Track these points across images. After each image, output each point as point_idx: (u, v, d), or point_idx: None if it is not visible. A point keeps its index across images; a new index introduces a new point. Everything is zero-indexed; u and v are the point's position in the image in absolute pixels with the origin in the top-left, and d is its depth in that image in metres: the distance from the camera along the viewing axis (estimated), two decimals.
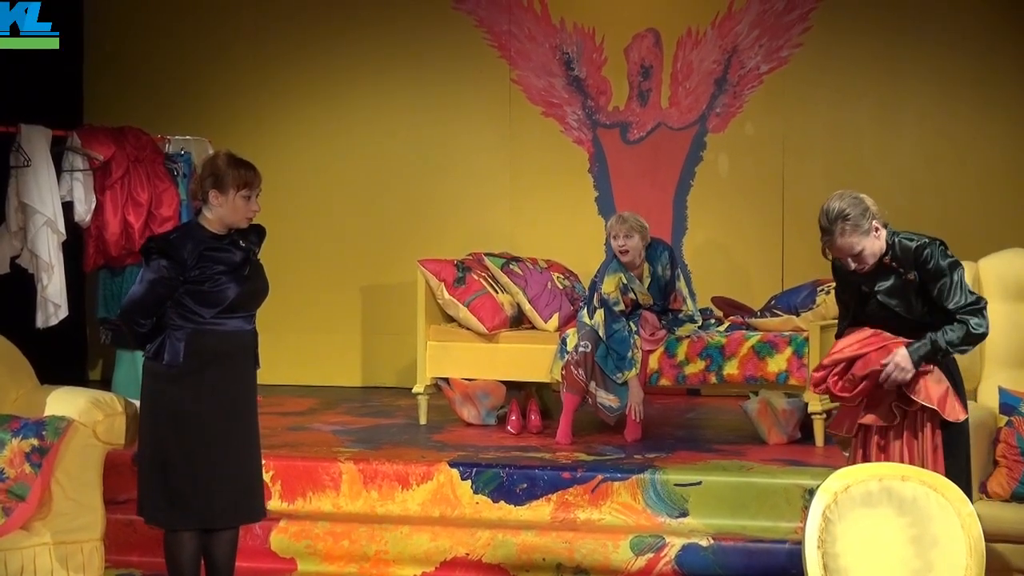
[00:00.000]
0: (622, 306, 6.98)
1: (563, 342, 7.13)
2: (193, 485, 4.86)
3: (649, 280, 7.08)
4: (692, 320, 7.13)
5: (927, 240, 4.52)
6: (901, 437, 4.53)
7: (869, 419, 4.55)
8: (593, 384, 6.93)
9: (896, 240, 4.54)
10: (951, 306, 4.46)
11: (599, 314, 6.98)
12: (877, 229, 4.49)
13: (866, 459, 4.56)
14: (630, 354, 6.91)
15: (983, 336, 4.48)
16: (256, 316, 5.07)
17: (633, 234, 6.99)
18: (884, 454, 4.54)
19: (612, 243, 7.06)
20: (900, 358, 4.43)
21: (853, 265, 4.52)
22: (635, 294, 7.05)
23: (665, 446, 6.84)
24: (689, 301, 7.18)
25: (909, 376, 4.44)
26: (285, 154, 9.42)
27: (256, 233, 5.04)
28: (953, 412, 4.48)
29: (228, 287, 4.84)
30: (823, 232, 4.51)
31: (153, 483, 4.91)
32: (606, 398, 6.94)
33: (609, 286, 7.01)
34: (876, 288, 4.55)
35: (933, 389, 4.46)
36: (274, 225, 9.16)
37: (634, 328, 6.96)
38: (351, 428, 7.47)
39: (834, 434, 4.81)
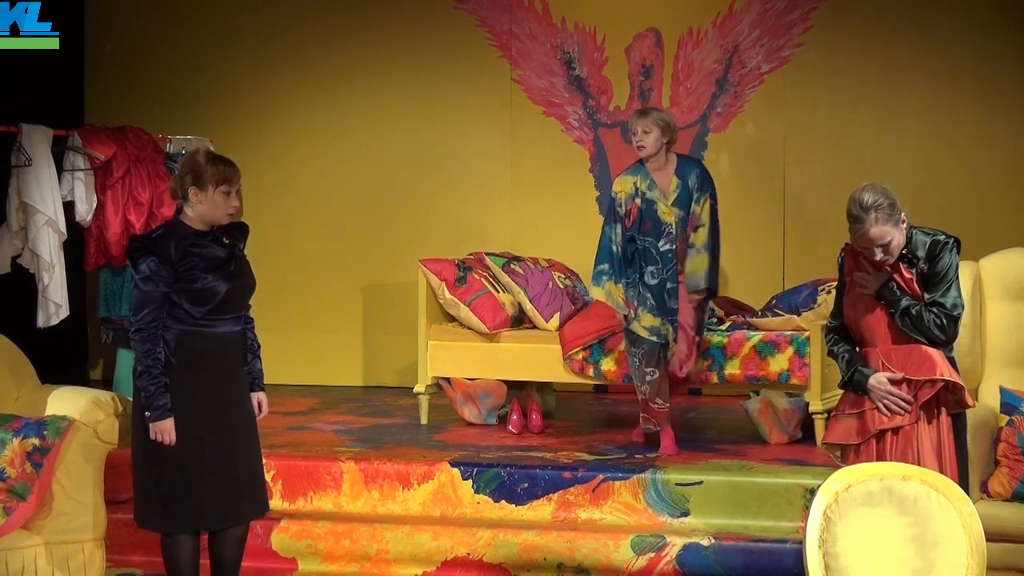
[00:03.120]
0: (624, 210, 6.49)
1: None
2: (186, 487, 4.86)
3: (676, 194, 6.44)
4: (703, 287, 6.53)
5: (944, 237, 4.56)
6: (917, 430, 4.53)
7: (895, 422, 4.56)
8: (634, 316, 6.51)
9: (913, 233, 4.57)
10: (928, 296, 4.52)
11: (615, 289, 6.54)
12: (903, 221, 4.52)
13: (880, 456, 4.55)
14: (606, 266, 6.51)
15: (930, 336, 4.49)
16: (242, 316, 5.05)
17: (652, 128, 6.38)
18: (899, 450, 4.54)
19: (632, 141, 6.54)
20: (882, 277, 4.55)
21: (880, 255, 4.52)
22: (645, 203, 6.44)
23: None
24: (705, 234, 6.45)
25: (870, 284, 4.56)
26: (286, 153, 9.43)
27: (240, 230, 5.01)
28: (968, 397, 4.54)
29: (217, 283, 4.82)
30: (854, 221, 4.50)
31: (145, 486, 4.91)
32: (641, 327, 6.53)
33: (619, 185, 6.52)
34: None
35: (953, 372, 4.49)
36: (275, 225, 9.30)
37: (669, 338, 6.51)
38: (352, 428, 7.47)
39: (830, 444, 4.79)
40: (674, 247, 6.50)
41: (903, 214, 4.53)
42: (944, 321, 4.48)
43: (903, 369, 4.51)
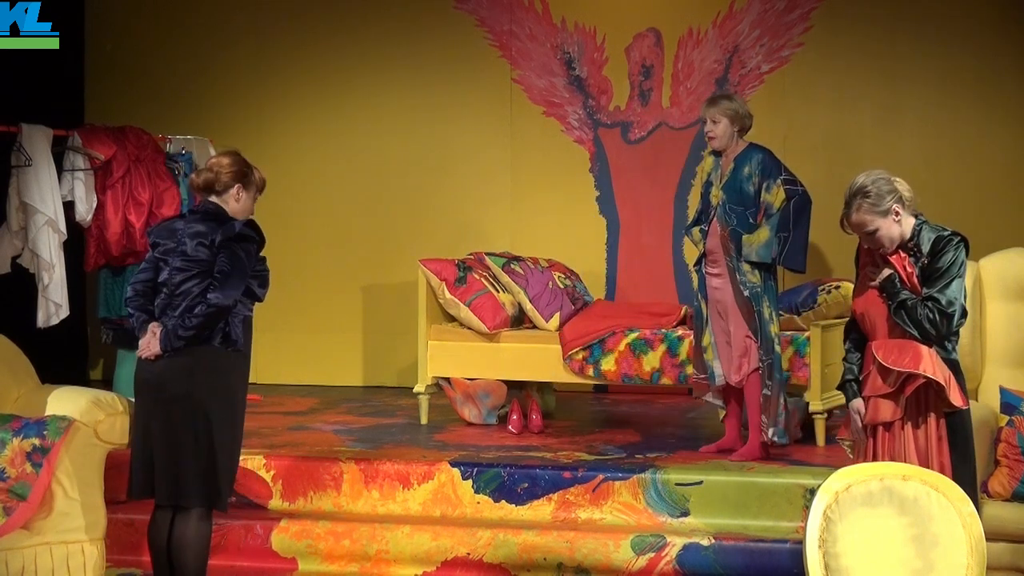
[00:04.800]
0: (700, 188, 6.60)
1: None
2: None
3: (727, 179, 6.35)
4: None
5: (949, 234, 4.53)
6: (905, 429, 4.53)
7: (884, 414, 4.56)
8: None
9: (922, 228, 4.56)
10: (925, 291, 4.48)
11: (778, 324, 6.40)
12: (898, 213, 4.50)
13: (874, 456, 4.55)
14: (696, 218, 6.59)
15: (922, 330, 4.46)
16: None
17: (720, 118, 6.32)
18: (889, 447, 4.54)
19: (704, 131, 6.51)
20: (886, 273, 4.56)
21: (867, 244, 4.56)
22: (705, 185, 6.47)
23: (666, 446, 6.84)
24: (765, 230, 6.24)
25: (876, 277, 4.57)
26: (286, 154, 9.43)
27: None
28: (956, 397, 4.49)
29: (267, 268, 5.15)
30: (844, 205, 4.57)
31: (232, 469, 5.11)
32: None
33: (703, 162, 6.64)
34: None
35: (939, 370, 4.47)
36: (275, 225, 9.24)
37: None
38: (352, 428, 7.47)
39: (844, 440, 4.81)
40: (709, 229, 6.43)
41: (898, 206, 4.50)
42: (936, 316, 4.44)
43: (889, 359, 4.49)
